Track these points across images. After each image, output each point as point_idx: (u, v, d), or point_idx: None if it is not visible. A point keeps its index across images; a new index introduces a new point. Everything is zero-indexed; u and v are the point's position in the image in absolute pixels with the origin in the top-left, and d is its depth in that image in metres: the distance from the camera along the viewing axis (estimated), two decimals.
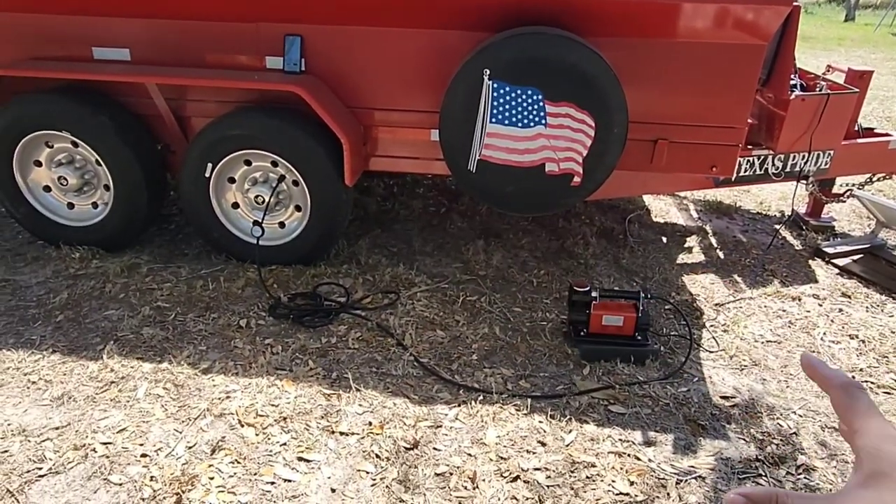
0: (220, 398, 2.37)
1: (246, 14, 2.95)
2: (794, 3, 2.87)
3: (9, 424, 2.19)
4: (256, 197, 3.17)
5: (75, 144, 3.15)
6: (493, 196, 2.97)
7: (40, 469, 2.01)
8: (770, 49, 3.37)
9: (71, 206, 3.32)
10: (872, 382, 2.68)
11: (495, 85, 2.72)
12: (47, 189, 3.29)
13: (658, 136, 3.04)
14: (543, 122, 2.77)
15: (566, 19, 2.78)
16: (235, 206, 3.25)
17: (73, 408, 2.28)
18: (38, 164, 3.23)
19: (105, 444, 2.13)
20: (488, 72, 2.69)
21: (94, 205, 3.31)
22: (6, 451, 2.07)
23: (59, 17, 3.06)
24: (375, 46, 2.99)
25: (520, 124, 2.78)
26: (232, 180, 3.19)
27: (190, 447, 2.14)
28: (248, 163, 3.15)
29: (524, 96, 2.74)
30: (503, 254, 3.60)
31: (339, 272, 3.28)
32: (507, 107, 2.76)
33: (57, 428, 2.18)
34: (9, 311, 2.83)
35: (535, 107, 2.75)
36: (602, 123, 2.74)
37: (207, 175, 3.11)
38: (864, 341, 2.96)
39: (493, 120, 2.78)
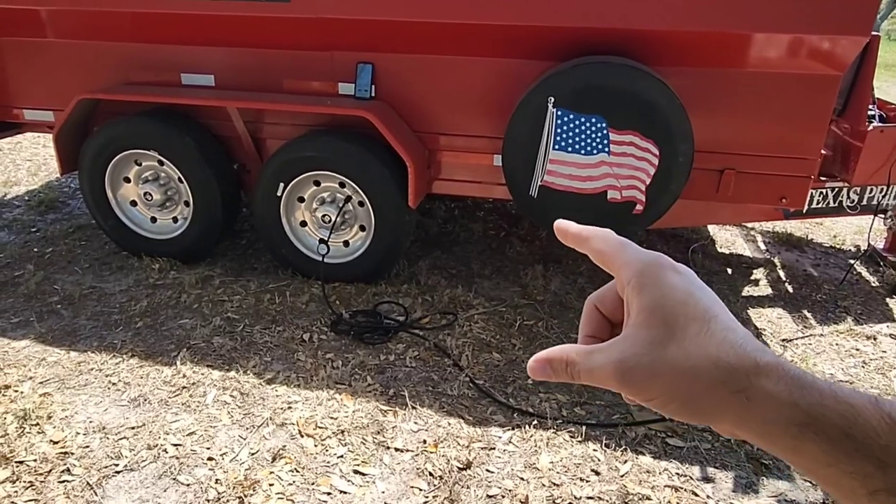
0: (282, 408, 2.46)
1: (322, 44, 3.11)
2: (874, 33, 2.80)
3: (90, 422, 2.34)
4: (324, 216, 3.29)
5: (161, 163, 3.37)
6: (553, 221, 2.98)
7: (117, 465, 2.15)
8: (846, 78, 3.27)
9: (154, 219, 3.54)
10: None
11: (559, 112, 2.75)
12: (133, 203, 3.53)
13: (725, 165, 3.00)
14: (607, 149, 2.78)
15: (632, 48, 2.80)
16: (303, 224, 3.40)
17: (148, 409, 2.43)
18: (127, 180, 3.47)
19: (175, 445, 2.25)
20: (553, 99, 2.73)
21: (175, 219, 3.53)
22: (87, 447, 2.22)
23: (152, 46, 3.31)
24: (442, 74, 3.09)
25: (583, 151, 2.80)
26: (301, 199, 3.34)
27: (253, 453, 2.23)
28: (317, 183, 3.29)
29: (588, 124, 2.76)
30: (561, 280, 3.60)
31: (399, 291, 3.36)
32: (570, 134, 2.79)
33: (133, 427, 2.32)
34: (94, 316, 3.04)
35: (599, 134, 2.77)
36: (667, 152, 2.73)
37: (279, 194, 3.26)
38: None
39: (557, 147, 2.81)
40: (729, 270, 3.86)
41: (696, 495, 2.14)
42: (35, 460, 2.14)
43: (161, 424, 2.34)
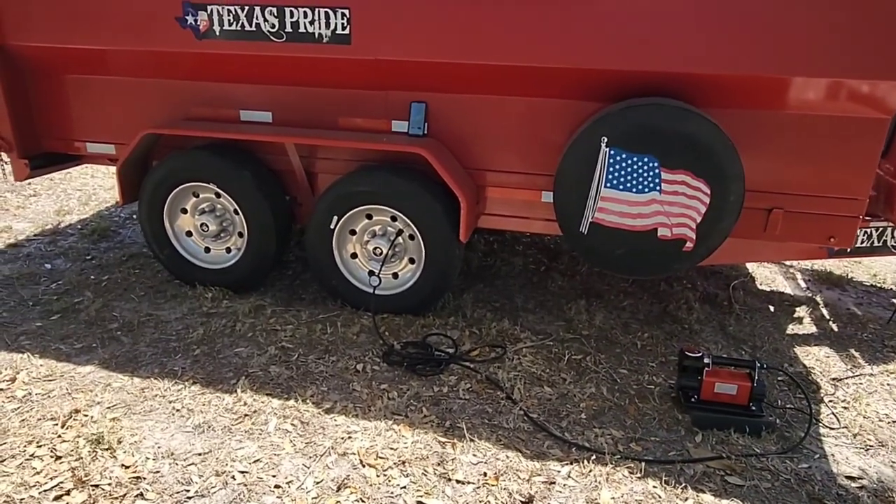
0: (342, 438, 2.50)
1: (378, 83, 3.23)
2: None
3: (159, 447, 2.40)
4: (375, 248, 3.37)
5: (218, 195, 3.49)
6: (602, 258, 3.04)
7: (188, 491, 2.19)
8: (889, 121, 3.33)
9: (207, 250, 3.65)
10: None
11: (612, 152, 2.83)
12: (189, 234, 3.64)
13: (773, 205, 3.04)
14: (658, 188, 2.84)
15: (681, 90, 2.88)
16: (354, 256, 3.48)
17: (213, 436, 2.48)
18: (184, 211, 3.59)
19: (242, 472, 2.29)
20: (606, 139, 2.81)
21: (228, 249, 3.63)
22: (158, 472, 2.27)
23: (214, 84, 3.45)
24: (493, 113, 3.19)
25: (634, 189, 2.87)
26: (353, 232, 3.43)
27: (318, 482, 2.27)
28: (369, 217, 3.38)
29: (640, 163, 2.83)
30: (605, 314, 3.63)
31: (447, 324, 3.41)
32: (622, 173, 2.86)
33: (199, 454, 2.38)
34: (153, 343, 3.12)
35: (651, 174, 2.83)
36: (718, 191, 2.79)
37: (332, 227, 3.35)
38: None
39: (608, 185, 2.88)
40: (771, 308, 3.87)
41: None
42: (110, 484, 2.20)
43: (227, 451, 2.39)
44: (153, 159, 3.68)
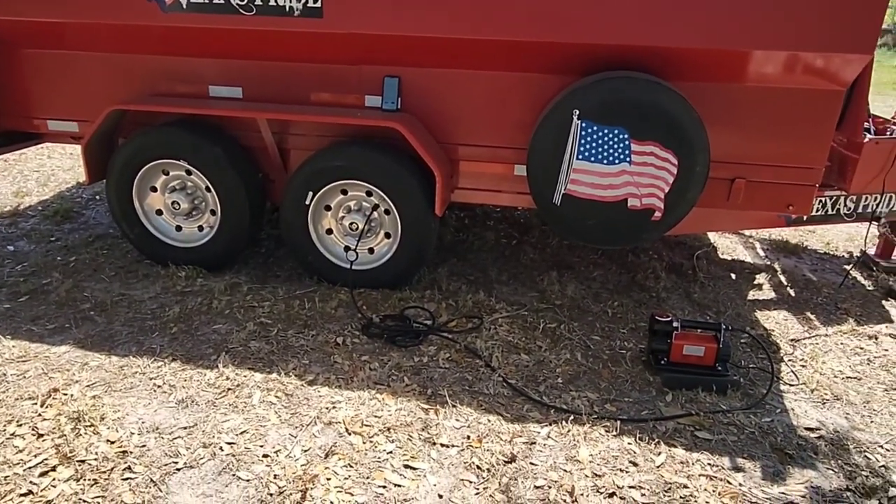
0: (327, 408, 2.55)
1: (351, 57, 3.22)
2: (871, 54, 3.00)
3: (143, 422, 2.40)
4: (351, 224, 3.39)
5: (189, 172, 3.44)
6: (574, 228, 3.13)
7: (176, 463, 2.21)
8: (844, 94, 3.48)
9: (179, 228, 3.60)
10: None
11: (584, 124, 2.90)
12: (159, 213, 3.59)
13: (736, 175, 3.17)
14: (628, 159, 2.93)
15: (650, 64, 2.96)
16: (329, 231, 3.49)
17: (197, 410, 2.49)
18: (154, 189, 3.54)
19: (230, 443, 2.32)
20: (578, 112, 2.88)
21: (200, 228, 3.59)
22: (144, 446, 2.28)
23: (182, 59, 3.39)
24: (466, 87, 3.22)
25: (605, 161, 2.95)
26: (328, 208, 3.43)
27: (305, 450, 2.31)
28: (344, 192, 3.39)
29: (611, 135, 2.91)
30: (577, 285, 3.73)
31: (423, 297, 3.46)
32: (594, 145, 2.93)
33: (185, 427, 2.39)
34: (129, 322, 3.09)
35: (622, 145, 2.92)
36: (685, 162, 2.89)
37: (308, 203, 3.35)
38: None
39: (580, 157, 2.96)
40: (733, 275, 4.04)
41: (730, 483, 2.28)
42: (96, 459, 2.19)
43: (213, 424, 2.41)
44: (119, 137, 3.60)
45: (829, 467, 2.39)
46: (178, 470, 2.19)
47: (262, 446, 2.32)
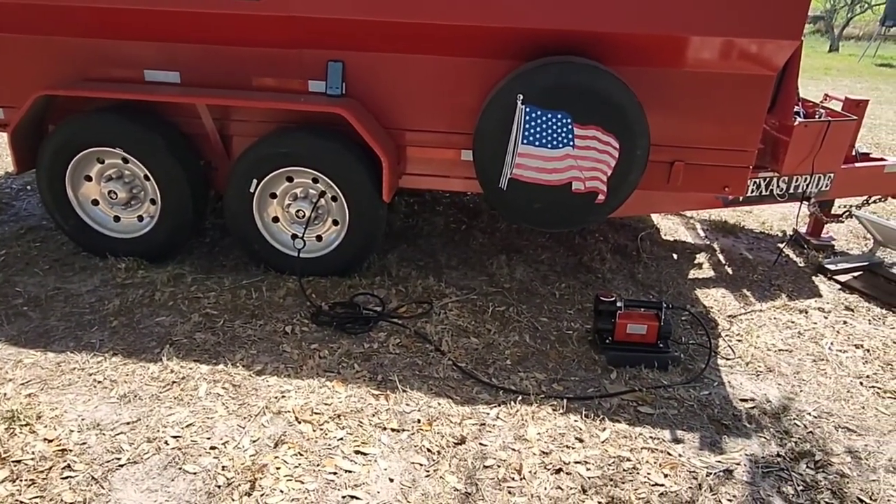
0: (276, 397, 2.52)
1: (291, 41, 3.16)
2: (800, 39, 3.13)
3: (83, 419, 2.33)
4: (297, 211, 3.35)
5: (125, 160, 3.32)
6: (521, 212, 3.17)
7: (119, 459, 2.16)
8: (775, 78, 3.62)
9: (117, 218, 3.48)
10: (879, 388, 2.87)
11: (528, 109, 2.93)
12: (95, 203, 3.46)
13: (675, 158, 3.27)
14: (571, 143, 2.98)
15: (591, 49, 3.01)
16: (275, 220, 3.43)
17: (140, 405, 2.43)
18: (89, 178, 3.40)
19: (175, 437, 2.27)
20: (522, 96, 2.91)
21: (140, 218, 3.48)
22: (84, 443, 2.21)
23: (113, 42, 3.26)
24: (411, 72, 3.21)
25: (549, 145, 2.99)
26: (274, 196, 3.38)
27: (254, 441, 2.29)
28: (289, 179, 3.33)
29: (554, 120, 2.95)
30: (525, 268, 3.79)
31: (373, 283, 3.45)
32: (538, 129, 2.97)
33: (128, 423, 2.33)
34: (65, 317, 2.98)
35: (565, 130, 2.96)
36: (626, 146, 2.96)
37: (252, 190, 3.29)
38: (868, 350, 3.16)
39: (525, 141, 2.99)
40: (675, 255, 4.17)
41: (670, 454, 2.37)
42: (33, 459, 2.12)
43: (157, 418, 2.36)
44: (50, 123, 3.44)
45: (763, 436, 2.51)
46: (121, 466, 2.13)
47: (209, 438, 2.28)
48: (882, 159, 4.23)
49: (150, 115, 3.29)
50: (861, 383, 2.90)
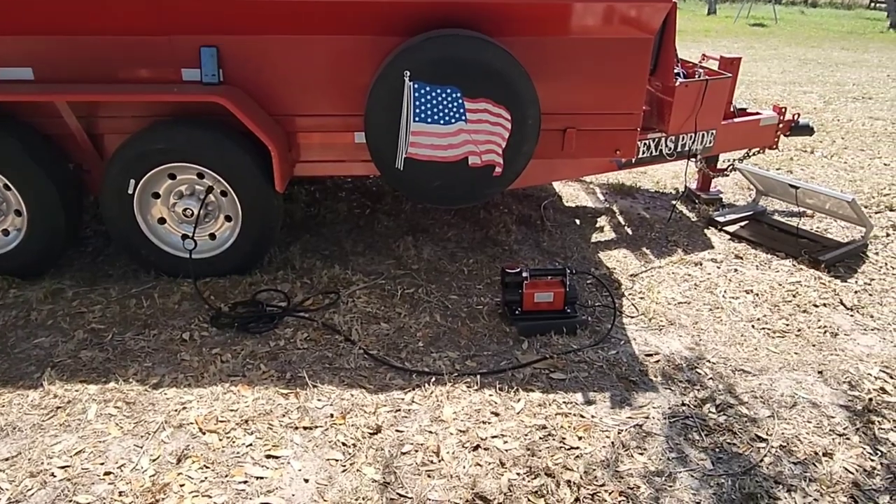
0: (176, 410, 2.36)
1: (157, 27, 2.93)
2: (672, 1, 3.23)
3: None
4: (185, 210, 3.14)
5: None
6: (421, 191, 3.12)
7: None
8: (655, 42, 3.73)
9: None
10: (769, 328, 3.06)
11: (416, 85, 2.86)
12: None
13: (567, 125, 3.31)
14: (463, 118, 2.94)
15: (473, 21, 2.97)
16: (162, 221, 3.21)
17: (20, 437, 2.21)
18: None
19: (63, 467, 2.08)
20: (409, 73, 2.83)
21: (6, 232, 3.16)
22: None
23: None
24: (292, 54, 3.05)
25: (442, 121, 2.94)
26: (157, 195, 3.15)
27: (154, 459, 2.13)
28: (172, 176, 3.12)
29: (444, 95, 2.90)
30: (432, 247, 3.76)
31: (276, 278, 3.31)
32: (428, 105, 2.91)
33: (6, 459, 2.11)
34: None
35: (455, 104, 2.92)
36: (517, 116, 2.96)
37: (130, 192, 3.05)
38: (757, 294, 3.36)
39: (417, 119, 2.93)
40: (577, 221, 4.26)
41: (583, 417, 2.42)
42: None
43: (40, 450, 2.15)
44: None
45: (667, 387, 2.62)
46: None
47: (102, 464, 2.11)
48: (757, 113, 4.48)
49: (1, 118, 2.97)
50: (753, 326, 3.08)
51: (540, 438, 2.30)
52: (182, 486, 2.03)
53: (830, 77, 10.21)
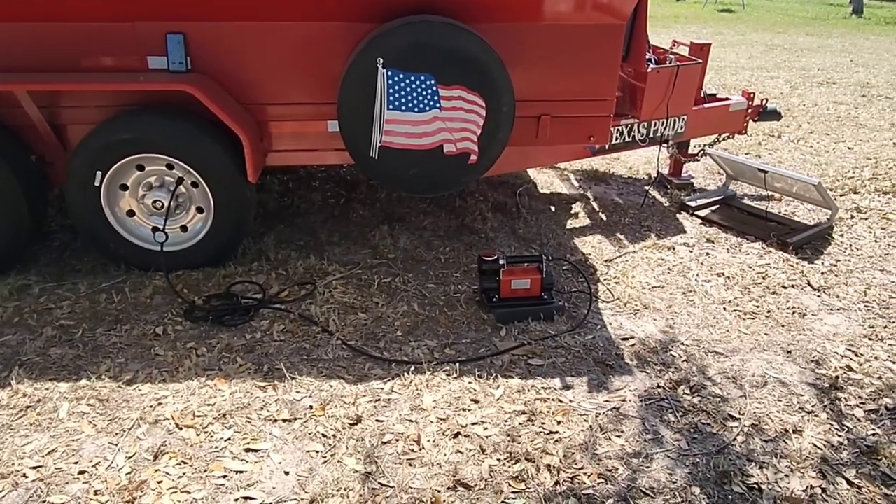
0: (151, 406, 2.33)
1: (119, 13, 2.84)
2: None
3: None
4: (155, 202, 3.07)
5: None
6: (396, 180, 3.10)
7: None
8: (627, 28, 3.75)
9: None
10: (740, 310, 3.12)
11: (390, 73, 2.83)
12: None
13: (541, 112, 3.31)
14: (438, 105, 2.92)
15: (446, 7, 2.94)
16: (131, 213, 3.13)
17: None
18: None
19: (35, 468, 2.03)
20: (382, 60, 2.80)
21: None
22: None
23: None
24: (261, 41, 3.00)
25: (416, 109, 2.92)
26: (125, 187, 3.07)
27: (130, 457, 2.10)
28: (140, 168, 3.04)
29: (418, 82, 2.88)
30: (408, 236, 3.74)
31: (251, 270, 3.27)
32: (402, 93, 2.88)
33: None
34: None
35: (429, 91, 2.90)
36: (492, 103, 2.95)
37: (97, 184, 2.97)
38: (729, 277, 3.42)
39: (391, 107, 2.90)
40: (552, 208, 4.29)
41: (562, 401, 2.45)
42: None
43: (11, 451, 2.10)
44: None
45: (643, 370, 2.66)
46: None
47: (76, 463, 2.07)
48: (727, 99, 4.54)
49: None
50: (724, 308, 3.14)
51: (519, 424, 2.32)
52: (160, 482, 2.00)
53: (796, 62, 10.40)
